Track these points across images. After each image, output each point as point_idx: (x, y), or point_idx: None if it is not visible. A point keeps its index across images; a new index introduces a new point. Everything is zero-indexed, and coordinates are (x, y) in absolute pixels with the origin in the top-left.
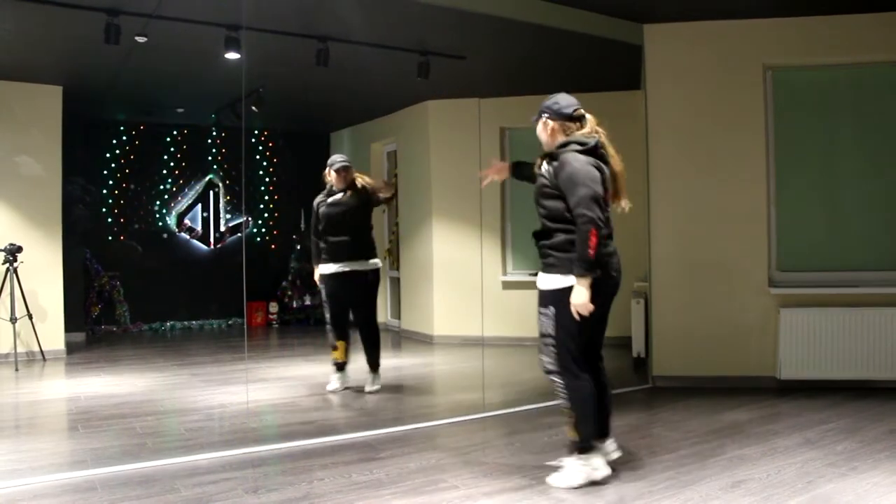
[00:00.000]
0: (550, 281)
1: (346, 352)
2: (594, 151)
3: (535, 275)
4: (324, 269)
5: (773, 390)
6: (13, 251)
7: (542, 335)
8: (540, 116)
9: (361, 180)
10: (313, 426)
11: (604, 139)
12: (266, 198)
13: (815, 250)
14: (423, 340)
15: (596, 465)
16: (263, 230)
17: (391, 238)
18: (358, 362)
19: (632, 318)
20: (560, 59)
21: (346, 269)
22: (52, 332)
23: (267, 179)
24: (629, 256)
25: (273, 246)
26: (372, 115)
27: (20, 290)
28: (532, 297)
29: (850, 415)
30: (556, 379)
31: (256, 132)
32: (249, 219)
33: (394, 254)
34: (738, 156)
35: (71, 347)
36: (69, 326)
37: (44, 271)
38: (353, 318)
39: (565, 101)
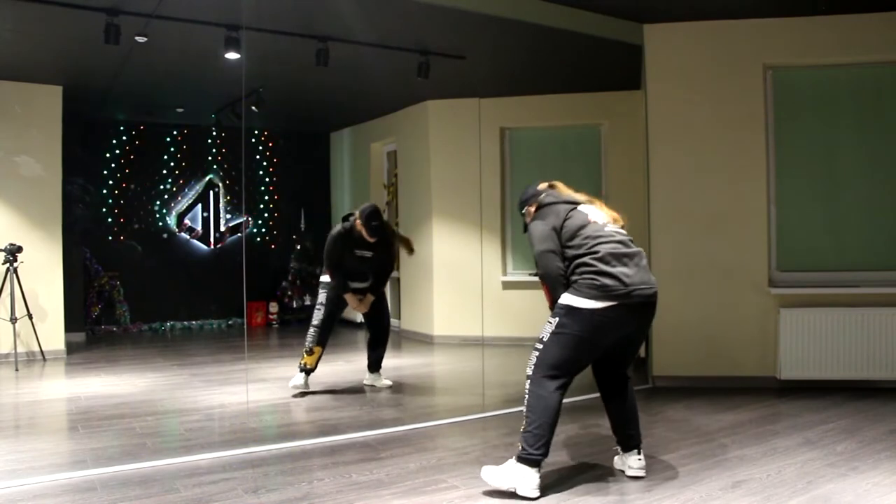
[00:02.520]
0: (567, 297)
1: (319, 359)
2: (542, 207)
3: (536, 275)
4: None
5: (773, 390)
6: (13, 251)
7: (538, 339)
8: (522, 212)
9: (394, 232)
10: (313, 426)
11: (560, 190)
12: (266, 198)
13: (815, 250)
14: (423, 340)
15: (527, 482)
16: (263, 230)
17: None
18: (357, 363)
19: None
20: (560, 59)
21: (366, 285)
22: (52, 332)
23: (267, 179)
24: None
25: (273, 246)
26: (372, 115)
27: (20, 290)
28: (532, 297)
29: (850, 415)
30: (527, 384)
31: (256, 132)
32: (249, 219)
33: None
34: (738, 156)
35: (71, 347)
36: (69, 326)
37: (44, 271)
38: (370, 328)
39: (530, 187)
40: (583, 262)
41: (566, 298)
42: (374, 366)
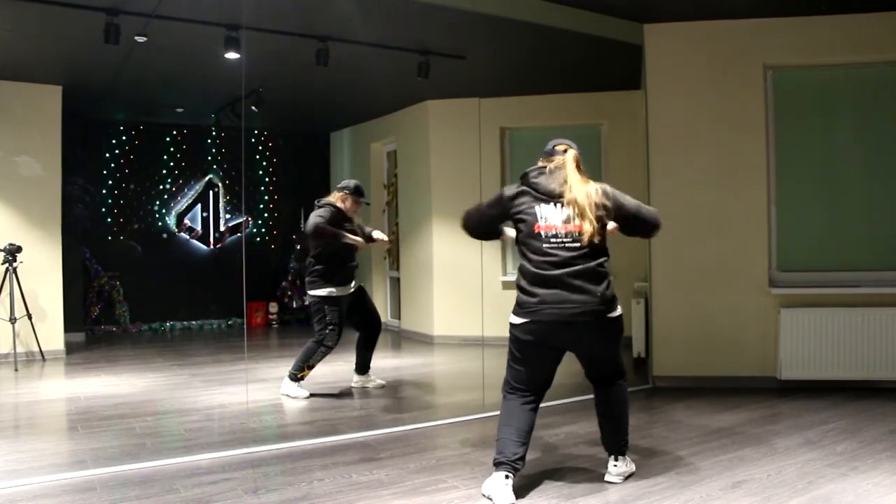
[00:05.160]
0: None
1: None
2: (524, 178)
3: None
4: (330, 292)
5: (773, 390)
6: (13, 251)
7: None
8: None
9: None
10: (313, 426)
11: (562, 170)
12: (266, 198)
13: (815, 250)
14: (423, 340)
15: (496, 487)
16: (263, 230)
17: (391, 238)
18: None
19: (632, 318)
20: (560, 59)
21: (355, 286)
22: (52, 332)
23: (267, 179)
24: (629, 257)
25: (273, 246)
26: (372, 115)
27: (20, 290)
28: None
29: (851, 415)
30: None
31: (256, 132)
32: (249, 219)
33: (394, 254)
34: (738, 155)
35: (70, 347)
36: (69, 326)
37: (43, 271)
38: (363, 326)
39: (552, 140)
40: (516, 279)
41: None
42: (364, 367)
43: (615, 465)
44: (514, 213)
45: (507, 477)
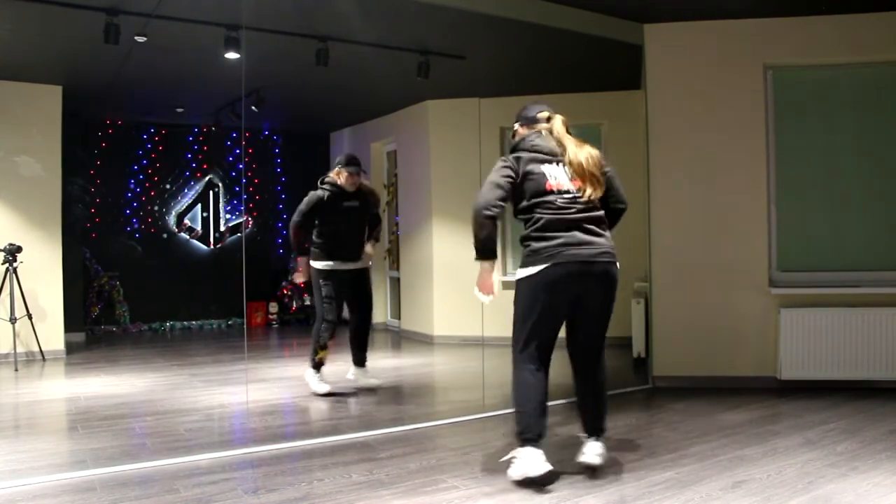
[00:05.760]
0: (517, 273)
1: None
2: (521, 143)
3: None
4: (328, 264)
5: (773, 390)
6: (13, 251)
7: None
8: (514, 128)
9: (366, 185)
10: (313, 426)
11: (555, 134)
12: (266, 198)
13: (815, 250)
14: (423, 340)
15: (530, 461)
16: (263, 230)
17: (391, 238)
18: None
19: (632, 318)
20: (560, 59)
21: (358, 266)
22: (52, 332)
23: (267, 179)
24: (629, 257)
25: (273, 246)
26: (372, 115)
27: (20, 290)
28: None
29: (851, 415)
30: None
31: (256, 132)
32: (249, 219)
33: (394, 254)
34: (738, 155)
35: (70, 347)
36: (69, 326)
37: (43, 271)
38: (354, 313)
39: (532, 106)
40: (526, 234)
41: (517, 274)
42: (361, 358)
43: (599, 446)
44: (524, 172)
45: (538, 449)
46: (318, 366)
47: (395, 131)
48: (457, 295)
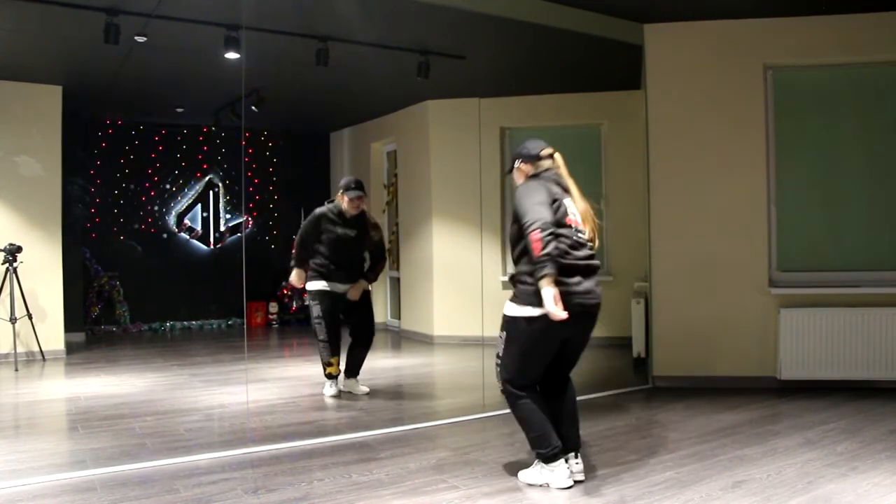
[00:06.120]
0: (507, 308)
1: (339, 363)
2: (544, 173)
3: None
4: (320, 285)
5: (773, 390)
6: (13, 251)
7: (497, 356)
8: (513, 165)
9: (370, 216)
10: (313, 426)
11: (563, 174)
12: (266, 198)
13: (815, 250)
14: (423, 340)
15: (559, 474)
16: (263, 230)
17: (391, 238)
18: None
19: (632, 318)
20: (560, 59)
21: (357, 288)
22: (52, 332)
23: (267, 179)
24: (629, 256)
25: (273, 246)
26: (372, 115)
27: (20, 290)
28: None
29: (851, 415)
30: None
31: (256, 132)
32: (249, 219)
33: (394, 254)
34: (738, 155)
35: (70, 347)
36: (69, 326)
37: (43, 271)
38: (355, 330)
39: (532, 143)
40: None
41: (508, 309)
42: (353, 370)
43: (578, 463)
44: (553, 199)
45: (566, 461)
46: (330, 376)
47: (395, 131)
48: (457, 295)
